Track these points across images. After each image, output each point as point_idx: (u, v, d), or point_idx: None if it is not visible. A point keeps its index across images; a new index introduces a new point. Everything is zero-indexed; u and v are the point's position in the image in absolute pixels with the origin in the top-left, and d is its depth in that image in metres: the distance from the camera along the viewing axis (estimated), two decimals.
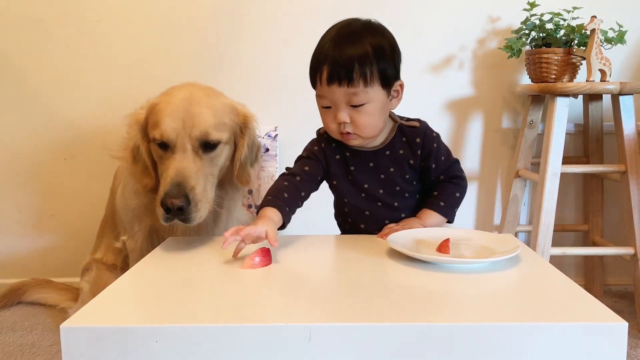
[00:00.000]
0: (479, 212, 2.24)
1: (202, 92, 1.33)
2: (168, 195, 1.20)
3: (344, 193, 1.32)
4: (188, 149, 1.26)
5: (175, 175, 1.22)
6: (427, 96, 2.13)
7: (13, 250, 2.21)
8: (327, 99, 1.21)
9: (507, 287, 0.94)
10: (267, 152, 2.06)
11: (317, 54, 1.21)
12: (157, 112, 1.29)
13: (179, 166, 1.24)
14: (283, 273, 1.01)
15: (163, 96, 1.34)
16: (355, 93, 1.17)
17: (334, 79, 1.16)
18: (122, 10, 2.07)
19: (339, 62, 1.16)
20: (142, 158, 1.34)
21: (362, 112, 1.19)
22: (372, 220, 1.31)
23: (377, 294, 0.89)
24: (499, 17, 2.10)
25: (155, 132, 1.27)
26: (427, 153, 1.28)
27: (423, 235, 1.17)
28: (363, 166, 1.29)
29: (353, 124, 1.20)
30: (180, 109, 1.27)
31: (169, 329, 0.76)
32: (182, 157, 1.25)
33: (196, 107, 1.27)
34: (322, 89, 1.20)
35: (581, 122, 2.15)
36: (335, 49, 1.17)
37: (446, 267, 1.00)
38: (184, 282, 0.98)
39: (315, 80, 1.22)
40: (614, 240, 2.11)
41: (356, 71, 1.15)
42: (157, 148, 1.30)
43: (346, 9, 2.04)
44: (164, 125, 1.25)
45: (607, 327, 0.76)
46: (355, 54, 1.16)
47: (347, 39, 1.18)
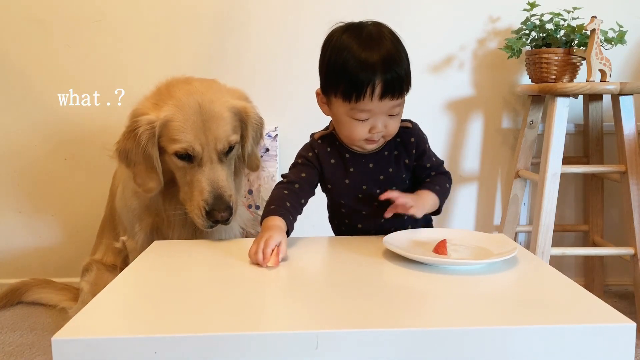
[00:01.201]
0: (479, 212, 2.24)
1: (207, 99, 1.36)
2: (216, 210, 1.32)
3: (341, 195, 1.33)
4: (215, 159, 1.35)
5: (212, 187, 1.33)
6: (427, 96, 2.13)
7: (13, 250, 2.21)
8: (369, 112, 1.19)
9: (508, 288, 0.93)
10: (267, 152, 2.06)
11: (357, 68, 1.15)
12: (175, 129, 1.33)
13: (213, 177, 1.34)
14: (285, 277, 1.01)
15: (173, 109, 1.34)
16: (399, 104, 1.20)
17: (388, 94, 1.16)
18: (122, 10, 2.07)
19: (393, 77, 1.15)
20: (151, 162, 1.36)
21: (395, 119, 1.22)
22: (369, 219, 1.32)
23: (377, 297, 0.88)
24: (499, 17, 2.10)
25: (178, 146, 1.33)
26: (421, 152, 1.31)
27: (421, 237, 1.17)
28: (363, 168, 1.30)
29: (385, 129, 1.22)
30: (199, 123, 1.33)
31: (169, 339, 0.73)
32: (211, 169, 1.34)
33: (213, 122, 1.34)
34: (370, 103, 1.17)
35: (581, 122, 2.15)
36: (380, 62, 1.14)
37: (445, 269, 0.99)
38: (177, 289, 0.95)
39: (359, 96, 1.16)
40: (614, 241, 2.11)
41: (405, 83, 1.18)
42: (177, 160, 1.36)
43: (347, 9, 2.04)
44: (188, 140, 1.32)
45: (614, 328, 0.75)
46: (400, 66, 1.16)
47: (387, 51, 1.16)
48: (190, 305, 0.86)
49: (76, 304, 1.83)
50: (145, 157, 1.35)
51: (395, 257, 1.06)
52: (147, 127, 1.33)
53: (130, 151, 1.36)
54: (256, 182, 2.04)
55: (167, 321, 0.79)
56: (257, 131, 1.48)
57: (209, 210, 1.32)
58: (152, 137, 1.33)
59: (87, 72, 2.10)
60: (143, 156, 1.35)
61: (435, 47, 2.12)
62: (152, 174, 1.37)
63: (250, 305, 0.87)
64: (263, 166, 2.04)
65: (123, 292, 0.94)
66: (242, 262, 1.06)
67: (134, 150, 1.35)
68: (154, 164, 1.36)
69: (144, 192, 1.39)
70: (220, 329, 0.75)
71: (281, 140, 2.11)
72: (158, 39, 2.09)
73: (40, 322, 1.90)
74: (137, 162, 1.36)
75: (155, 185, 1.38)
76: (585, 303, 0.84)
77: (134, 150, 1.35)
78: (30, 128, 2.14)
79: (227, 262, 1.08)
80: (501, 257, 1.01)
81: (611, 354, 0.75)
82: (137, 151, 1.35)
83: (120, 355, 0.73)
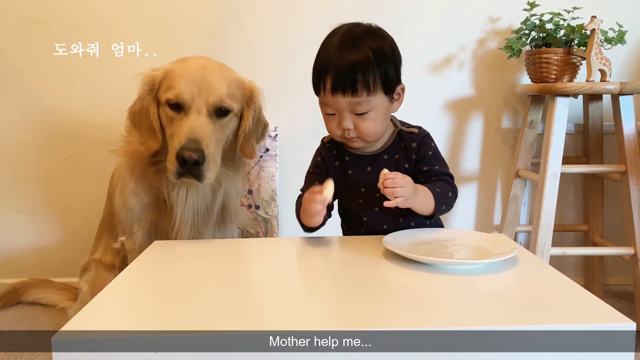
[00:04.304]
0: (479, 212, 2.24)
1: (215, 64, 1.39)
2: (185, 148, 1.26)
3: (343, 198, 1.33)
4: (203, 111, 1.32)
5: (191, 132, 1.28)
6: (427, 96, 2.13)
7: (13, 250, 2.21)
8: (331, 107, 1.22)
9: (507, 288, 0.93)
10: (267, 152, 2.06)
11: (320, 61, 1.22)
12: (173, 77, 1.34)
13: (195, 125, 1.30)
14: (285, 276, 1.01)
15: (178, 63, 1.38)
16: (359, 102, 1.18)
17: (338, 89, 1.17)
18: (122, 10, 2.07)
19: (342, 72, 1.16)
20: (150, 119, 1.36)
21: (366, 119, 1.21)
22: (369, 226, 1.31)
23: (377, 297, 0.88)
24: (499, 17, 2.10)
25: (170, 94, 1.32)
26: (421, 157, 1.28)
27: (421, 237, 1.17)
28: (361, 170, 1.30)
29: (357, 130, 1.22)
30: (197, 75, 1.32)
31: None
32: (196, 118, 1.31)
33: (212, 76, 1.33)
34: (326, 97, 1.21)
35: (581, 122, 2.15)
36: (338, 57, 1.17)
37: (445, 269, 0.99)
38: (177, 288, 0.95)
39: (318, 88, 1.23)
40: (614, 240, 2.11)
41: (360, 81, 1.16)
42: (169, 110, 1.34)
43: (347, 9, 2.04)
44: (181, 87, 1.31)
45: (615, 328, 0.75)
46: (357, 61, 1.16)
47: (348, 46, 1.18)
48: (190, 304, 0.86)
49: (75, 304, 1.83)
50: (144, 112, 1.36)
51: (395, 257, 1.06)
52: (149, 79, 1.36)
53: (136, 112, 1.38)
54: (256, 182, 2.04)
55: (167, 321, 0.79)
56: (259, 125, 1.47)
57: (179, 149, 1.26)
58: (152, 90, 1.35)
59: (87, 72, 2.09)
60: (144, 112, 1.36)
61: (435, 47, 2.12)
62: (151, 132, 1.37)
63: (250, 304, 0.87)
64: (263, 166, 2.04)
65: (123, 292, 0.94)
66: (242, 262, 1.06)
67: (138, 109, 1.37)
68: (151, 119, 1.36)
69: (145, 151, 1.39)
70: (220, 328, 0.75)
71: (281, 140, 2.11)
72: (158, 39, 2.08)
73: (40, 322, 1.90)
74: (142, 122, 1.38)
75: (154, 143, 1.37)
76: (585, 303, 0.84)
77: (138, 110, 1.37)
78: (30, 128, 2.13)
79: (227, 262, 1.08)
80: (501, 257, 1.01)
81: (611, 354, 0.75)
82: (140, 109, 1.36)
83: (120, 354, 0.73)
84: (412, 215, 1.26)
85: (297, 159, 1.85)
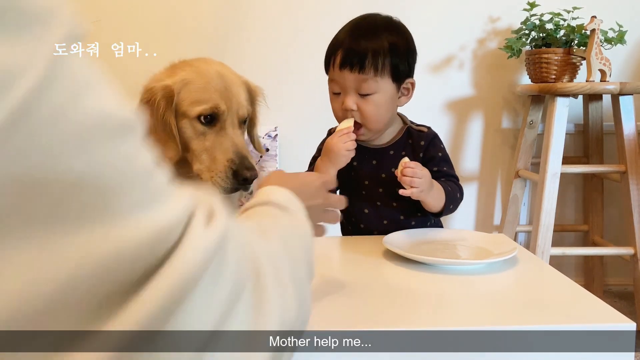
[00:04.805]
0: (479, 212, 2.24)
1: (229, 71, 1.37)
2: (246, 168, 1.27)
3: (345, 189, 1.33)
4: (235, 124, 1.31)
5: (237, 149, 1.29)
6: (427, 96, 2.13)
7: None
8: (338, 84, 1.23)
9: (507, 288, 0.93)
10: (267, 152, 2.06)
11: (334, 41, 1.24)
12: (197, 89, 1.30)
13: (237, 142, 1.30)
14: None
15: (191, 72, 1.33)
16: (365, 80, 1.19)
17: (346, 64, 1.19)
18: (122, 10, 2.08)
19: (353, 49, 1.19)
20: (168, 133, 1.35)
21: (370, 102, 1.21)
22: (371, 220, 1.31)
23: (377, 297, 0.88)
24: (499, 17, 2.10)
25: (201, 108, 1.29)
26: (430, 158, 1.27)
27: (421, 237, 1.17)
28: (366, 163, 1.30)
29: (360, 112, 1.21)
30: (221, 86, 1.31)
31: None
32: (234, 134, 1.30)
33: (234, 86, 1.32)
34: (334, 73, 1.22)
35: (581, 122, 2.15)
36: (352, 37, 1.20)
37: (445, 269, 0.99)
38: None
39: (328, 65, 1.25)
40: (614, 240, 2.11)
41: (368, 59, 1.18)
42: (198, 124, 1.31)
43: (347, 9, 2.03)
44: (215, 100, 1.28)
45: (614, 328, 0.75)
46: (369, 44, 1.19)
47: (364, 30, 1.21)
48: None
49: None
50: (164, 125, 1.34)
51: (395, 257, 1.06)
52: (164, 92, 1.30)
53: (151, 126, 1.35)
54: (256, 182, 2.04)
55: None
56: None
57: (236, 169, 1.27)
58: (171, 103, 1.31)
59: None
60: (162, 125, 1.34)
61: (435, 47, 2.12)
62: (170, 143, 1.36)
63: None
64: (263, 166, 2.04)
65: None
66: None
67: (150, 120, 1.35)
68: (172, 132, 1.34)
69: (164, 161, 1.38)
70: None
71: (281, 140, 2.11)
72: (157, 39, 2.09)
73: None
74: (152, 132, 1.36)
75: (174, 154, 1.37)
76: (585, 303, 0.84)
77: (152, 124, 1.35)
78: None
79: None
80: (501, 257, 1.01)
81: (611, 354, 0.75)
82: (154, 121, 1.34)
83: None
84: (413, 214, 1.27)
85: (297, 159, 1.85)
